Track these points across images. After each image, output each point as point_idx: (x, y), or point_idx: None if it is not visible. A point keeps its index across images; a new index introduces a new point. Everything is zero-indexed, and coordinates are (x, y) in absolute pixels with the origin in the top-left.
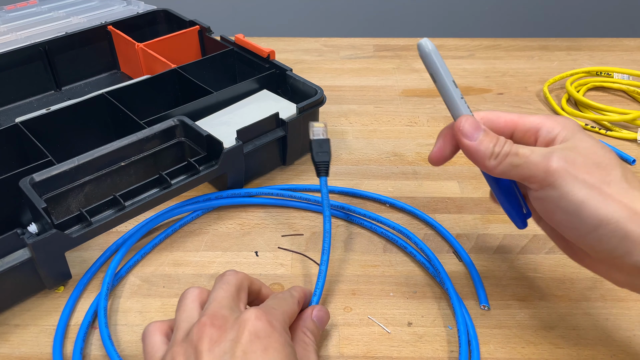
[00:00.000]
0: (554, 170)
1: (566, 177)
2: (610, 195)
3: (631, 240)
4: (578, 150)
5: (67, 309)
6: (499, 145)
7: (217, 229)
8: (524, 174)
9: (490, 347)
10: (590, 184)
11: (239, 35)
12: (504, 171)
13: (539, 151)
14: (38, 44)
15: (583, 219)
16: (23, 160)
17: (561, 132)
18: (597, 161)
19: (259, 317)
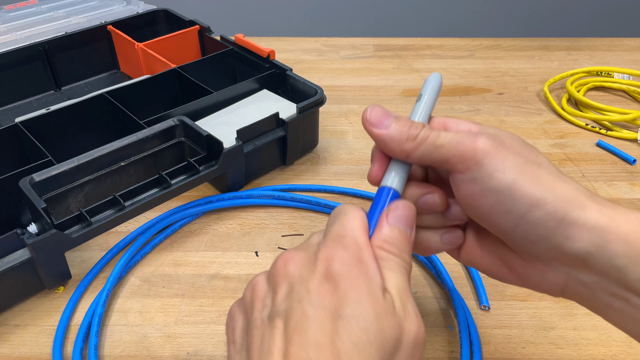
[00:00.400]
0: (482, 148)
1: (496, 155)
2: (543, 175)
3: (570, 224)
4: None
5: (68, 310)
6: (415, 128)
7: (217, 229)
8: (449, 154)
9: (490, 347)
10: (521, 162)
11: (239, 35)
12: (424, 154)
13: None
14: (38, 44)
15: (516, 199)
16: (23, 160)
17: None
18: (524, 144)
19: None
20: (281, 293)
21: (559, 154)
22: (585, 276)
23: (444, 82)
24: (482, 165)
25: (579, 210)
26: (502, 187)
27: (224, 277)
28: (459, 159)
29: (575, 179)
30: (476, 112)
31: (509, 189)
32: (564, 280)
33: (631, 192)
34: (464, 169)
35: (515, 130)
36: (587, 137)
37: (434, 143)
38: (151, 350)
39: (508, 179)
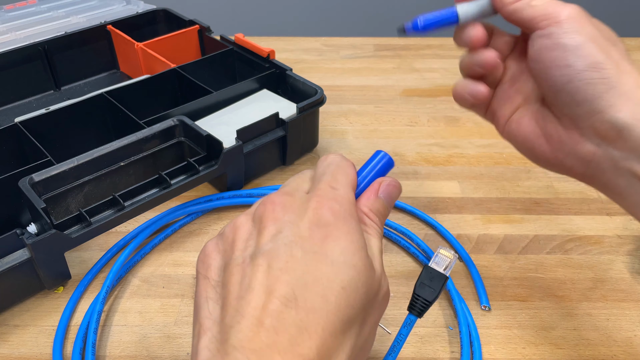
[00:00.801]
0: (567, 12)
1: (578, 21)
2: (613, 51)
3: (618, 92)
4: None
5: (68, 310)
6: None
7: (217, 229)
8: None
9: (491, 348)
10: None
11: (239, 35)
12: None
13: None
14: (37, 44)
15: (579, 56)
16: (22, 160)
17: None
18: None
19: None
20: (267, 235)
21: None
22: (614, 151)
23: (444, 82)
24: (562, 24)
25: (631, 86)
26: (571, 44)
27: None
28: (544, 17)
29: None
30: None
31: (576, 47)
32: (592, 154)
33: None
34: (545, 25)
35: None
36: None
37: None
38: (151, 350)
39: (579, 39)
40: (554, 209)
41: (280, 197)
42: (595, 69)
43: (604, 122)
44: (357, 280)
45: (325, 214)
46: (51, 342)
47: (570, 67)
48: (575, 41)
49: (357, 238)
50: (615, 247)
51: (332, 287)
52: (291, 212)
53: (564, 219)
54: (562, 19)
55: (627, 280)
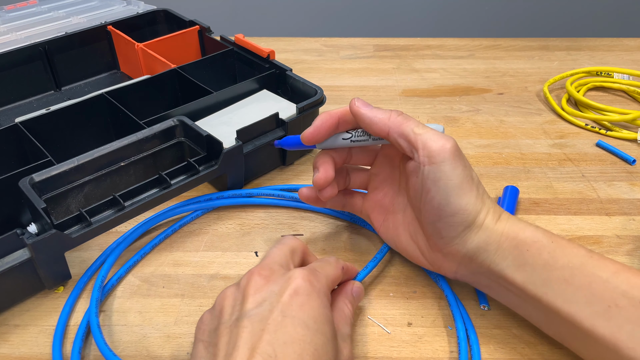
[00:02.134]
0: (448, 151)
1: (453, 162)
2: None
3: (471, 228)
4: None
5: (67, 309)
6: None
7: (217, 229)
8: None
9: (490, 348)
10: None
11: (239, 35)
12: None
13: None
14: (38, 44)
15: (449, 203)
16: (23, 160)
17: None
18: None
19: (303, 276)
20: (251, 301)
21: (559, 154)
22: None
23: (444, 82)
24: (440, 167)
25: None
26: (444, 189)
27: (224, 277)
28: (427, 152)
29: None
30: (476, 112)
31: (448, 193)
32: (456, 268)
33: (631, 192)
34: (426, 162)
35: (515, 130)
36: (586, 137)
37: (413, 129)
38: (151, 350)
39: (451, 185)
40: (553, 209)
41: (264, 271)
42: (458, 214)
43: (459, 251)
44: (327, 345)
45: (305, 286)
46: (51, 341)
47: (439, 209)
48: (449, 187)
49: (327, 312)
50: (614, 247)
51: (307, 347)
52: (273, 283)
53: (563, 219)
54: (440, 160)
55: None
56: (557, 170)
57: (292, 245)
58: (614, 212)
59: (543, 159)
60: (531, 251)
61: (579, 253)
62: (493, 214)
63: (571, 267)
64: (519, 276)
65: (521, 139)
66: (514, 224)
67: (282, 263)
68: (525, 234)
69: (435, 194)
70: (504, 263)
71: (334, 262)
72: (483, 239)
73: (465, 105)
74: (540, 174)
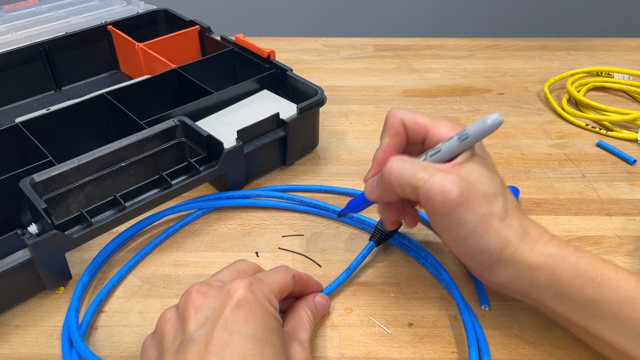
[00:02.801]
0: (451, 201)
1: (460, 210)
2: (492, 227)
3: (498, 263)
4: (471, 179)
5: (72, 310)
6: None
7: (218, 230)
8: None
9: (491, 348)
10: (478, 216)
11: (239, 35)
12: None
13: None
14: (38, 44)
15: (467, 246)
16: (23, 160)
17: (465, 152)
18: (485, 191)
19: (244, 286)
20: (193, 323)
21: (559, 154)
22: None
23: (444, 82)
24: (447, 218)
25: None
26: (457, 237)
27: None
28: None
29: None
30: (476, 112)
31: (462, 239)
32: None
33: (631, 192)
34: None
35: (515, 131)
36: (587, 138)
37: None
38: None
39: (464, 232)
40: (553, 210)
41: (200, 287)
42: (479, 254)
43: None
44: (277, 355)
45: (247, 296)
46: (52, 342)
47: (459, 250)
48: (462, 235)
49: (273, 320)
50: (615, 248)
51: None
52: (212, 298)
53: (564, 219)
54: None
55: None
56: (557, 170)
57: (242, 267)
58: (614, 212)
59: (543, 159)
60: (572, 286)
61: (627, 287)
62: (525, 246)
63: (619, 302)
64: (561, 307)
65: (521, 139)
66: (551, 254)
67: (226, 279)
68: (564, 268)
69: (449, 240)
70: (543, 295)
71: (283, 270)
72: (514, 273)
73: (466, 106)
74: (540, 174)
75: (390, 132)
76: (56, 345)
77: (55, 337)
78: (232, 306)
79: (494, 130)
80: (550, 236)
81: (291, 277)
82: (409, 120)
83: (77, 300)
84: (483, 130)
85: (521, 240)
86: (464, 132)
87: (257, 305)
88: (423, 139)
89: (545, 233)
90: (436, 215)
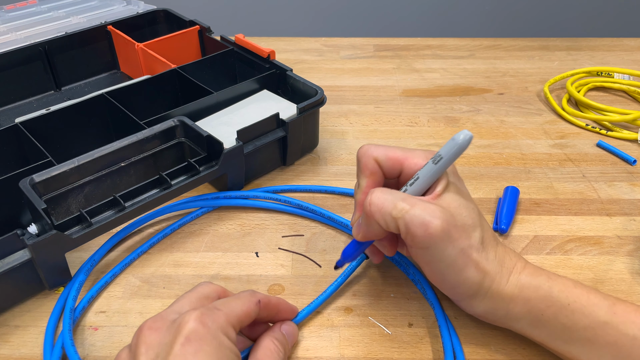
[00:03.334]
0: (432, 234)
1: (441, 243)
2: (471, 260)
3: (475, 296)
4: (451, 210)
5: (56, 311)
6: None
7: (218, 230)
8: (404, 232)
9: (490, 349)
10: (457, 249)
11: (239, 35)
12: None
13: (420, 207)
14: (38, 44)
15: (446, 278)
16: (23, 160)
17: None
18: (464, 222)
19: (195, 318)
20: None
21: (559, 154)
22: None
23: (444, 82)
24: (427, 252)
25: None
26: (437, 270)
27: (225, 277)
28: (410, 237)
29: (575, 179)
30: (476, 112)
31: (442, 272)
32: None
33: (631, 192)
34: (412, 245)
35: (515, 131)
36: (587, 138)
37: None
38: None
39: (444, 266)
40: (553, 210)
41: (152, 323)
42: (459, 286)
43: (469, 311)
44: None
45: (198, 329)
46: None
47: (440, 282)
48: (442, 268)
49: (227, 353)
50: (615, 248)
51: None
52: (163, 333)
53: (564, 219)
54: (431, 243)
55: (627, 280)
56: (557, 170)
57: (204, 291)
58: (614, 212)
59: (543, 159)
60: (546, 315)
61: (599, 312)
62: (501, 278)
63: (593, 328)
64: (537, 334)
65: (522, 139)
66: (525, 285)
67: (182, 310)
68: (537, 298)
69: (429, 272)
70: (518, 325)
71: (246, 296)
72: (490, 305)
73: (466, 106)
74: (540, 174)
75: (366, 172)
76: (57, 345)
77: (55, 337)
78: (181, 341)
79: (466, 147)
80: (523, 264)
81: (255, 304)
82: (382, 157)
83: (72, 300)
84: (455, 149)
85: (497, 273)
86: (437, 154)
87: (209, 338)
88: (399, 172)
89: (519, 261)
90: (416, 247)
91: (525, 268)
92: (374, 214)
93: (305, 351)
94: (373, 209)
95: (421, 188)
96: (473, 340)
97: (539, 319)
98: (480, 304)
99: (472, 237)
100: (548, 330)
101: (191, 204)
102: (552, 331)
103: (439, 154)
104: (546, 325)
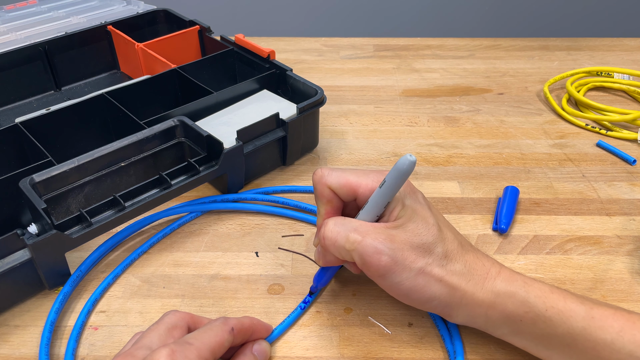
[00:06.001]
0: (384, 266)
1: (395, 270)
2: (433, 276)
3: (450, 307)
4: (401, 237)
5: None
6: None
7: (218, 229)
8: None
9: (490, 348)
10: (415, 271)
11: (239, 35)
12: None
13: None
14: (38, 44)
15: (413, 298)
16: (23, 160)
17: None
18: (420, 243)
19: (166, 356)
20: None
21: (559, 154)
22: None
23: (444, 82)
24: (384, 279)
25: (456, 299)
26: (401, 292)
27: (224, 277)
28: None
29: (575, 179)
30: (476, 112)
31: (407, 294)
32: None
33: (631, 192)
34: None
35: (515, 131)
36: (587, 138)
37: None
38: None
39: (405, 289)
40: (553, 209)
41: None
42: (428, 302)
43: (450, 320)
44: None
45: None
46: (52, 342)
47: (410, 302)
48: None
49: None
50: (614, 248)
51: None
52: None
53: (564, 219)
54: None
55: (626, 280)
56: (557, 170)
57: (171, 321)
58: (614, 212)
59: (543, 159)
60: (525, 322)
61: (577, 317)
62: (474, 286)
63: (572, 334)
64: (518, 341)
65: (521, 139)
66: (500, 291)
67: (151, 346)
68: (514, 304)
69: (396, 296)
70: (499, 331)
71: (218, 325)
72: (468, 313)
73: (466, 106)
74: (540, 174)
75: (323, 200)
76: (56, 345)
77: (55, 337)
78: None
79: (409, 171)
80: (497, 269)
81: (228, 332)
82: (335, 184)
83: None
84: (397, 173)
85: (468, 282)
86: (384, 179)
87: None
88: (354, 197)
89: (493, 266)
90: (374, 276)
91: (500, 273)
92: (328, 247)
93: (305, 351)
94: (327, 243)
95: (372, 213)
96: (473, 340)
97: (518, 325)
98: (458, 313)
99: (432, 254)
100: (528, 337)
101: (187, 207)
102: (532, 338)
103: (385, 178)
104: (525, 332)
